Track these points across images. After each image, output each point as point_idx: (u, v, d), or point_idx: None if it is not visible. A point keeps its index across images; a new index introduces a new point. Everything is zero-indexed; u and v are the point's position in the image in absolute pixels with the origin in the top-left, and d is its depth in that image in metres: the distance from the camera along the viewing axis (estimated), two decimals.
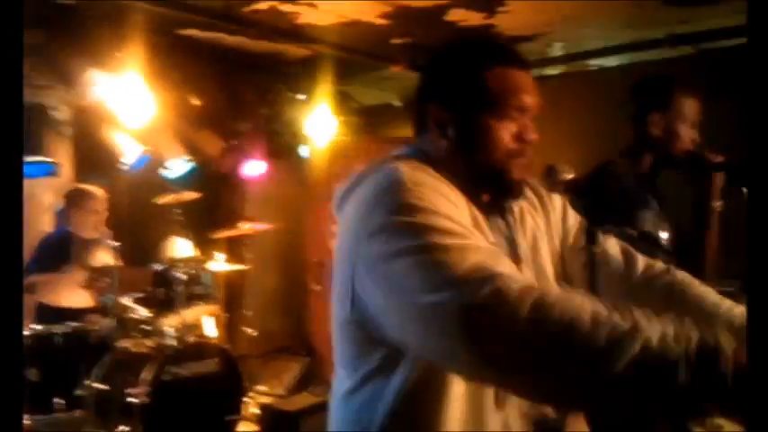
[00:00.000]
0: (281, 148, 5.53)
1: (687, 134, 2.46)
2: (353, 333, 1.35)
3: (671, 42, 4.93)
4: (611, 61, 5.72)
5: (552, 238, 1.59)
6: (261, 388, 4.91)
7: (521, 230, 1.50)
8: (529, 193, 1.57)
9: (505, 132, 1.37)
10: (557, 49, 5.45)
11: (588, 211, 1.52)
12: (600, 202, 1.51)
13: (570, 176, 1.37)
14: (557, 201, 1.64)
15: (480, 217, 1.37)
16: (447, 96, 1.41)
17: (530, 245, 1.50)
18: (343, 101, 5.73)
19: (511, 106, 1.37)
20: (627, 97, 2.58)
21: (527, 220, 1.53)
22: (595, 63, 5.78)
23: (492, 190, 1.43)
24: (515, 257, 1.43)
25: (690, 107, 2.46)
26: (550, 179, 1.28)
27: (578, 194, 1.51)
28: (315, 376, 5.45)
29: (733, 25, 4.74)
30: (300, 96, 5.56)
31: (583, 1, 4.36)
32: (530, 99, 1.39)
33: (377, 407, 1.34)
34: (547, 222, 1.59)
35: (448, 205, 1.24)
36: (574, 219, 1.64)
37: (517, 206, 1.51)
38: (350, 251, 1.27)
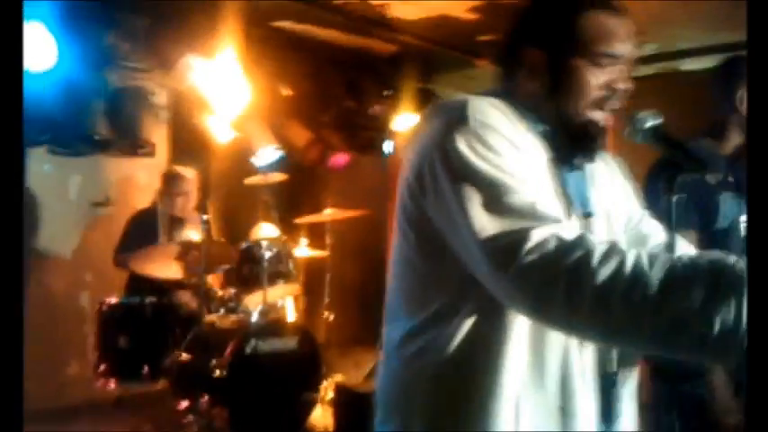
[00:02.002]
0: (366, 142, 5.60)
1: None
2: (416, 274, 1.39)
3: None
4: (702, 63, 5.57)
5: (622, 197, 1.60)
6: (338, 377, 4.93)
7: (595, 186, 1.50)
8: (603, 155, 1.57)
9: (594, 79, 1.37)
10: (648, 50, 5.35)
11: (672, 156, 1.47)
12: (685, 149, 1.46)
13: (657, 122, 1.33)
14: (619, 164, 1.65)
15: (553, 167, 1.39)
16: (542, 38, 1.42)
17: (602, 201, 1.50)
18: (428, 98, 5.76)
19: (602, 53, 1.36)
20: (714, 75, 2.46)
21: (601, 177, 1.53)
22: (687, 65, 5.64)
23: (574, 136, 1.42)
24: (587, 212, 1.43)
25: None
26: (631, 126, 1.25)
27: (663, 139, 1.46)
28: None
29: None
30: (386, 92, 5.64)
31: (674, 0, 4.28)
32: (622, 47, 1.38)
33: (432, 352, 1.33)
34: (615, 182, 1.60)
35: (508, 150, 1.28)
36: (629, 182, 1.65)
37: (594, 162, 1.50)
38: (419, 180, 1.33)
